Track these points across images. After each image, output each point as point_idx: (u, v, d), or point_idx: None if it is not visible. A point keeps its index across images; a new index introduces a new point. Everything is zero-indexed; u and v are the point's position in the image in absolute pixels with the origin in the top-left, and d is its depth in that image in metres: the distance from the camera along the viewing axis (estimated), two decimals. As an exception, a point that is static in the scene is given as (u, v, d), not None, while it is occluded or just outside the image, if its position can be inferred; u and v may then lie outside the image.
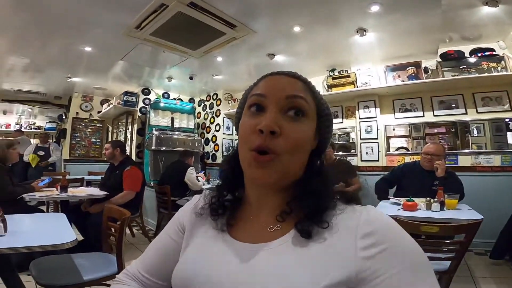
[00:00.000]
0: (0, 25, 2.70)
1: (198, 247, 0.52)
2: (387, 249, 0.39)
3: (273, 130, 0.45)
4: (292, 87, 0.50)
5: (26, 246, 1.18)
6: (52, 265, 1.55)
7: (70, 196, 2.58)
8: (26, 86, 5.23)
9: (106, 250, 1.75)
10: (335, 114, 3.94)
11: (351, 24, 2.61)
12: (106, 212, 1.77)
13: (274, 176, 0.46)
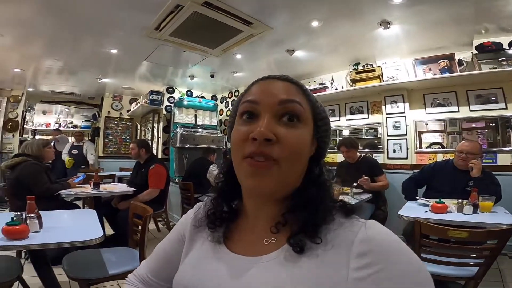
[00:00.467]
0: (36, 31, 2.91)
1: (195, 258, 0.52)
2: (383, 270, 0.36)
3: (268, 137, 0.42)
4: (285, 91, 0.47)
5: (57, 242, 1.27)
6: (82, 259, 1.66)
7: (102, 192, 2.74)
8: (62, 88, 5.62)
9: (132, 246, 1.84)
10: (360, 109, 3.78)
11: (373, 17, 2.47)
12: (131, 208, 1.86)
13: (272, 184, 0.44)
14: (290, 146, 0.44)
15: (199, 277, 0.48)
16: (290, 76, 0.51)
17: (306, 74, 4.11)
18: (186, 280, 0.49)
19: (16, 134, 5.36)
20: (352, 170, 2.84)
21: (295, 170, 0.46)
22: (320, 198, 0.46)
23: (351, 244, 0.39)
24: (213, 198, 0.56)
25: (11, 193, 2.35)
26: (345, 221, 0.44)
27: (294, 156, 0.45)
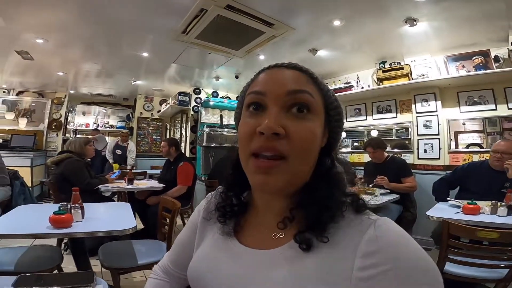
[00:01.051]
0: (77, 36, 3.16)
1: (207, 249, 0.53)
2: (390, 270, 0.35)
3: (275, 131, 0.40)
4: (294, 80, 0.44)
5: (97, 231, 1.40)
6: (116, 249, 1.80)
7: (135, 187, 2.95)
8: (100, 90, 6.05)
9: (160, 238, 1.95)
10: (388, 108, 3.66)
11: (397, 14, 2.40)
12: (161, 202, 1.98)
13: (280, 182, 0.42)
14: (300, 141, 0.41)
15: (211, 268, 0.48)
16: (300, 64, 0.47)
17: (330, 73, 4.06)
18: (199, 270, 0.50)
19: (59, 134, 5.85)
20: (378, 171, 2.77)
21: (304, 166, 0.43)
22: (330, 193, 0.44)
23: (357, 244, 0.38)
24: (222, 191, 0.55)
25: (56, 187, 2.60)
26: (354, 218, 0.42)
27: (304, 152, 0.42)
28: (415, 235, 2.93)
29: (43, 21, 2.73)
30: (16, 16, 2.61)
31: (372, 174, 2.78)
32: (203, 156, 4.75)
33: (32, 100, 5.64)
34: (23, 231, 1.25)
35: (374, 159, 2.92)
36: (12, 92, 5.54)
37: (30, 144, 4.98)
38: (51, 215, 1.31)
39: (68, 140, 4.26)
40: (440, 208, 2.07)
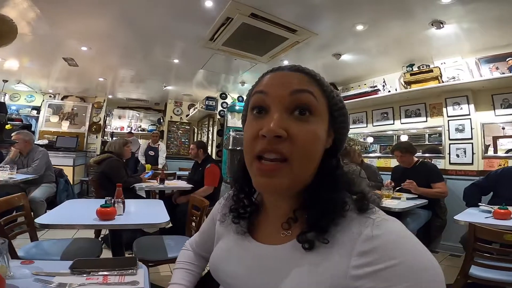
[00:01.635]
0: (114, 43, 3.42)
1: (223, 245, 0.57)
2: (385, 269, 0.35)
3: (278, 134, 0.41)
4: (296, 81, 0.45)
5: (135, 224, 1.56)
6: (148, 243, 1.95)
7: (166, 187, 3.16)
8: (134, 95, 6.45)
9: (188, 234, 2.08)
10: (417, 112, 3.56)
11: (423, 17, 2.37)
12: (191, 201, 2.12)
13: (283, 185, 0.43)
14: (302, 143, 0.42)
15: (228, 260, 0.53)
16: (303, 67, 0.48)
17: (355, 77, 4.03)
18: (218, 262, 0.55)
19: (98, 136, 6.33)
20: (407, 175, 2.71)
21: (307, 168, 0.44)
22: (332, 195, 0.44)
23: (354, 242, 0.39)
24: (234, 194, 0.58)
25: (98, 184, 2.85)
26: (356, 217, 0.42)
27: (307, 154, 0.43)
28: (445, 241, 2.85)
29: (86, 29, 2.98)
30: (62, 23, 2.83)
31: (400, 179, 2.73)
32: (228, 159, 4.89)
33: (74, 104, 6.17)
34: (73, 222, 1.44)
35: (402, 164, 2.86)
36: (57, 96, 6.10)
37: (73, 145, 5.45)
38: (98, 208, 1.47)
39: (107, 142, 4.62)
40: (469, 213, 2.03)
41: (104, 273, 0.79)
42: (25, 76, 5.01)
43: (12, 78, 5.03)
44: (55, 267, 0.81)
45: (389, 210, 2.18)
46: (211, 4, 2.39)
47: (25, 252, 1.56)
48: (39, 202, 3.02)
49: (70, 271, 0.78)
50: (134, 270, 0.83)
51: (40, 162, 3.29)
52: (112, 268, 0.82)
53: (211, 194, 3.25)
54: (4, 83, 5.09)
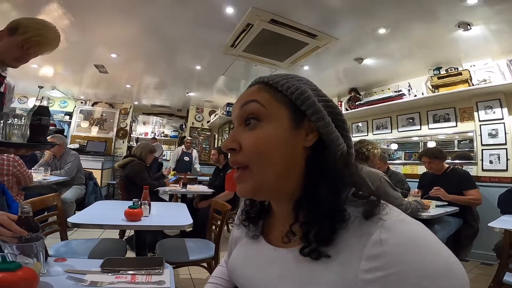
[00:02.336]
0: (139, 51, 3.57)
1: (239, 249, 0.59)
2: (395, 274, 0.34)
3: (229, 148, 0.46)
4: (245, 96, 0.48)
5: (160, 225, 1.61)
6: (170, 245, 2.00)
7: (188, 191, 3.25)
8: (157, 101, 6.68)
9: (208, 238, 2.11)
10: (446, 116, 3.41)
11: (448, 19, 2.30)
12: (212, 205, 2.14)
13: (247, 188, 0.46)
14: (251, 149, 0.44)
15: (242, 262, 0.55)
16: (264, 76, 0.49)
17: (379, 82, 3.94)
18: (233, 264, 0.58)
19: (125, 141, 6.63)
20: (437, 182, 2.60)
21: (268, 170, 0.44)
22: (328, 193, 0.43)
23: (363, 247, 0.38)
24: (245, 200, 0.60)
25: (124, 187, 2.97)
26: (366, 219, 0.40)
27: (261, 157, 0.44)
28: (477, 249, 2.72)
29: (115, 36, 3.13)
30: (93, 30, 2.97)
31: (429, 186, 2.64)
32: (248, 165, 4.90)
33: (103, 110, 6.50)
34: (102, 222, 1.51)
35: (431, 170, 2.74)
36: (88, 102, 6.46)
37: (101, 149, 5.73)
38: (126, 209, 1.54)
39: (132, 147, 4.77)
40: (505, 220, 1.96)
41: (132, 272, 0.82)
42: (59, 83, 5.33)
43: (47, 84, 5.38)
44: (86, 265, 0.85)
45: (416, 218, 2.10)
46: (232, 11, 2.46)
47: (55, 250, 1.64)
48: (69, 203, 3.18)
49: (100, 269, 0.82)
50: (161, 270, 0.86)
51: (72, 165, 3.49)
52: (140, 268, 0.85)
53: (232, 199, 3.28)
54: (39, 89, 5.46)
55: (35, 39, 1.02)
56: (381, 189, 1.88)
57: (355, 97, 4.24)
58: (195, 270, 2.19)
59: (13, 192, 2.44)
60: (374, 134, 4.26)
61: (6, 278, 0.58)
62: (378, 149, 2.12)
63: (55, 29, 1.08)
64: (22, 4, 2.44)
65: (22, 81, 4.84)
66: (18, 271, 0.61)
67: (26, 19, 1.05)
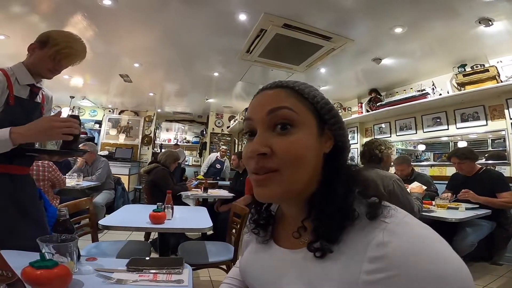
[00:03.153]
0: (160, 59, 3.70)
1: (250, 250, 0.61)
2: (397, 276, 0.34)
3: (261, 152, 0.44)
4: (273, 100, 0.47)
5: (182, 228, 1.69)
6: (191, 248, 2.06)
7: (210, 195, 3.34)
8: (179, 108, 6.90)
9: (228, 241, 2.16)
10: (475, 115, 3.25)
11: (468, 15, 2.22)
12: (232, 209, 2.18)
13: (276, 192, 0.45)
14: (286, 154, 0.44)
15: (252, 263, 0.58)
16: (283, 81, 0.50)
17: (400, 81, 3.84)
18: (244, 265, 0.60)
19: (149, 147, 6.90)
20: (468, 184, 2.50)
21: (299, 174, 0.45)
22: (339, 199, 0.45)
23: (366, 248, 0.38)
24: (254, 207, 0.62)
25: (149, 192, 3.11)
26: (370, 221, 0.41)
27: (294, 163, 0.44)
28: (510, 253, 2.58)
29: (137, 46, 3.28)
30: (116, 41, 3.09)
31: (459, 188, 2.54)
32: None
33: (129, 118, 6.83)
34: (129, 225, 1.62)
35: (461, 171, 2.63)
36: (115, 111, 6.82)
37: (128, 156, 6.03)
38: (151, 212, 1.63)
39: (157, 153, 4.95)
40: None
41: (154, 271, 0.88)
42: (88, 92, 5.67)
43: (78, 94, 5.73)
44: (113, 264, 0.92)
45: (444, 221, 2.05)
46: (245, 17, 2.51)
47: (86, 251, 1.75)
48: (99, 207, 3.39)
49: (126, 268, 0.88)
50: (180, 269, 0.90)
51: (102, 171, 3.72)
52: (161, 267, 0.90)
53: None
54: (71, 99, 5.83)
55: (65, 51, 1.08)
56: (394, 196, 1.75)
57: (375, 98, 4.15)
58: (214, 272, 2.24)
59: (49, 196, 2.65)
60: (398, 135, 4.14)
61: (43, 275, 0.66)
62: (391, 149, 2.01)
63: (81, 40, 1.16)
64: (50, 16, 2.60)
65: (55, 91, 5.12)
66: (54, 268, 0.68)
67: (54, 32, 1.12)
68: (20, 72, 1.07)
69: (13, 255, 0.79)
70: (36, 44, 1.10)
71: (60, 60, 1.09)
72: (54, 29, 1.14)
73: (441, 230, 0.39)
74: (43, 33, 1.11)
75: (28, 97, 1.11)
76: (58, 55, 1.07)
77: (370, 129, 4.68)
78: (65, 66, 1.13)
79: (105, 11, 2.46)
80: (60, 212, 0.83)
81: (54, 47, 1.06)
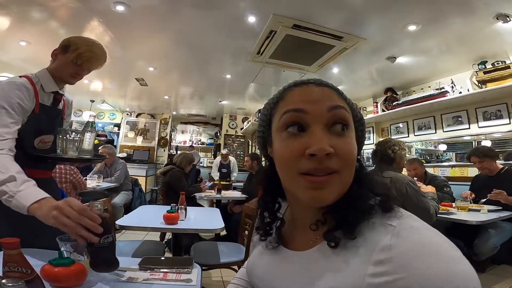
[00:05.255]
0: (174, 63, 3.78)
1: (257, 252, 0.61)
2: (403, 279, 0.34)
3: (328, 152, 0.41)
4: (329, 97, 0.46)
5: (195, 228, 1.73)
6: (204, 248, 2.10)
7: (223, 197, 3.39)
8: (193, 110, 7.02)
9: (240, 242, 2.18)
10: (498, 113, 3.13)
11: (485, 12, 2.14)
12: (244, 210, 2.22)
13: (334, 194, 0.43)
14: (348, 156, 0.43)
15: (258, 265, 0.57)
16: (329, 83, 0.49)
17: (417, 80, 3.74)
18: (251, 266, 0.60)
19: (165, 149, 7.06)
20: (492, 184, 2.41)
21: (351, 176, 0.45)
22: (360, 194, 0.45)
23: (373, 250, 0.38)
24: (259, 213, 0.60)
25: (165, 193, 3.19)
26: (378, 223, 0.41)
27: (351, 164, 0.44)
28: None
29: (151, 50, 3.35)
30: (131, 45, 3.16)
31: (482, 188, 2.46)
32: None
33: (146, 120, 7.02)
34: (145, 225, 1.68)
35: (483, 171, 2.55)
36: (133, 114, 7.03)
37: (145, 157, 6.21)
38: (165, 213, 1.68)
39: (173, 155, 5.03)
40: None
41: (164, 270, 0.91)
42: (107, 96, 5.88)
43: (97, 98, 5.96)
44: (127, 263, 0.96)
45: (465, 223, 1.99)
46: (254, 19, 2.52)
47: (104, 250, 1.84)
48: (118, 207, 3.51)
49: (138, 267, 0.92)
50: (190, 269, 0.93)
51: (121, 172, 3.85)
52: (171, 266, 0.93)
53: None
54: (91, 103, 6.07)
55: (86, 54, 1.10)
56: (408, 199, 1.67)
57: (391, 97, 4.05)
58: (226, 273, 2.26)
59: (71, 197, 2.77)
60: (416, 135, 4.01)
61: (61, 272, 0.70)
62: (405, 150, 1.94)
63: (100, 45, 1.20)
64: (68, 23, 2.70)
65: (76, 96, 5.39)
66: (71, 266, 0.72)
67: (75, 37, 1.14)
68: (45, 79, 1.11)
69: (35, 253, 0.85)
70: (59, 49, 1.13)
71: (81, 64, 1.11)
72: (73, 35, 1.17)
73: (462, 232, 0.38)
74: (64, 39, 1.14)
75: (51, 104, 1.15)
76: (79, 59, 1.09)
77: (386, 129, 4.57)
78: (86, 70, 1.16)
79: (119, 16, 2.54)
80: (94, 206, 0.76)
81: (75, 51, 1.09)
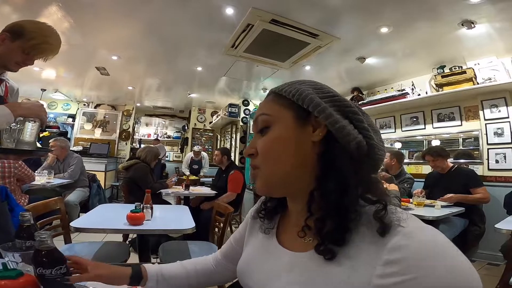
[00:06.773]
0: (140, 53, 3.57)
1: (251, 249, 0.61)
2: (412, 280, 0.34)
3: (248, 153, 0.53)
4: (262, 106, 0.54)
5: (163, 229, 1.61)
6: (173, 248, 1.98)
7: (191, 193, 3.23)
8: (159, 102, 6.69)
9: (211, 240, 2.11)
10: (451, 115, 3.39)
11: (452, 17, 2.28)
12: (215, 207, 2.14)
13: (258, 186, 0.51)
14: (263, 151, 0.50)
15: (252, 265, 0.57)
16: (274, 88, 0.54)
17: (381, 81, 3.92)
18: (244, 266, 0.60)
19: (128, 143, 6.63)
20: (443, 182, 2.60)
21: (276, 166, 0.49)
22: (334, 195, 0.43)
23: (380, 251, 0.38)
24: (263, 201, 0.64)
25: (127, 190, 2.97)
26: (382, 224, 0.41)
27: (269, 156, 0.49)
28: (483, 250, 2.69)
29: (116, 38, 3.13)
30: (93, 33, 2.96)
31: (434, 186, 2.62)
32: (251, 166, 4.89)
33: (106, 112, 6.52)
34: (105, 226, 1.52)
35: (436, 169, 2.74)
36: (91, 105, 6.48)
37: (105, 151, 5.76)
38: (128, 213, 1.54)
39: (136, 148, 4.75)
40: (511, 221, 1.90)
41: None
42: (61, 85, 5.35)
43: (49, 87, 5.40)
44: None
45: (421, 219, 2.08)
46: (232, 11, 2.44)
47: (58, 254, 1.64)
48: (73, 206, 3.19)
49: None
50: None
51: (75, 168, 3.50)
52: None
53: (234, 200, 3.26)
54: (42, 92, 5.47)
55: (42, 46, 0.99)
56: None
57: (358, 97, 4.22)
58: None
59: (16, 195, 2.46)
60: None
61: (7, 286, 0.58)
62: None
63: (57, 34, 1.06)
64: (22, 7, 2.43)
65: (24, 84, 4.84)
66: (19, 278, 0.60)
67: (29, 23, 1.00)
68: None
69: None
70: (8, 34, 0.98)
71: (34, 55, 1.00)
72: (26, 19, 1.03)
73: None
74: (15, 23, 0.99)
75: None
76: (33, 50, 0.98)
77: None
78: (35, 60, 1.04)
79: (82, 1, 2.32)
80: (24, 217, 0.74)
81: (30, 41, 0.97)
